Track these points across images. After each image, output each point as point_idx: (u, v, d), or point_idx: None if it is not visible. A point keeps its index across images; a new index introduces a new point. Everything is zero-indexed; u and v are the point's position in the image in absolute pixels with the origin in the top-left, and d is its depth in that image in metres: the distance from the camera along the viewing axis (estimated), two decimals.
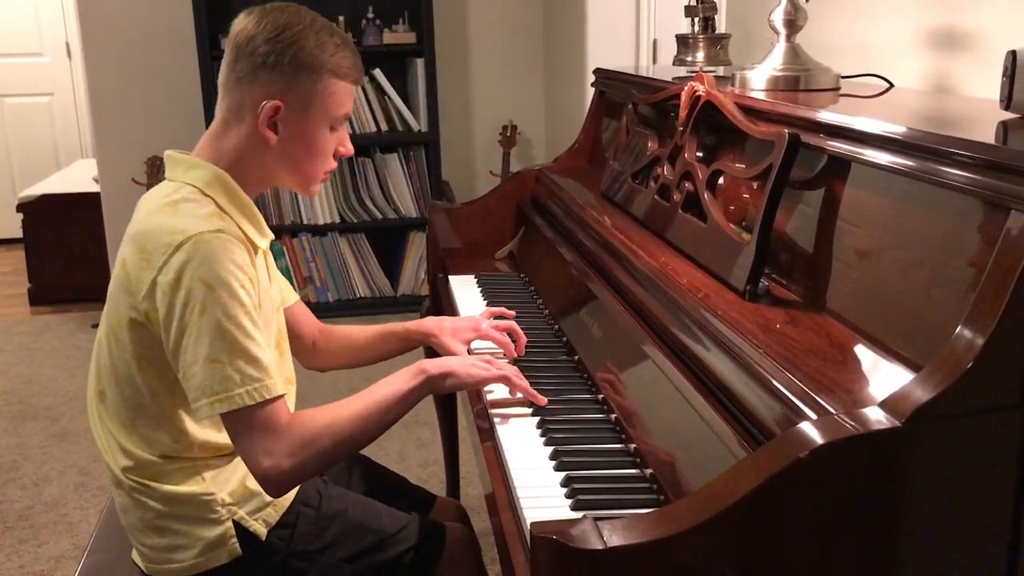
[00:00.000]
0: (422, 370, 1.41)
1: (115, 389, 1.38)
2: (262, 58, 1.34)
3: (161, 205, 1.32)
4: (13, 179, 5.90)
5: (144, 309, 1.29)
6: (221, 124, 1.39)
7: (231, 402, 1.24)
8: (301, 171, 1.42)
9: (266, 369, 1.27)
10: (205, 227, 1.27)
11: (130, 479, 1.38)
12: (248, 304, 1.27)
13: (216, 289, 1.24)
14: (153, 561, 1.41)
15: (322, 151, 1.41)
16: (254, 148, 1.37)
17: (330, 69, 1.37)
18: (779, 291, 1.28)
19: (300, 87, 1.36)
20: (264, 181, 1.43)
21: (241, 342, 1.25)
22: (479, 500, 2.60)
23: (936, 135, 1.02)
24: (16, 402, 3.54)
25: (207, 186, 1.34)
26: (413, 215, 4.36)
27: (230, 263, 1.26)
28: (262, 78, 1.35)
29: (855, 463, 0.86)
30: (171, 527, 1.38)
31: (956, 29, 1.64)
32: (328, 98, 1.38)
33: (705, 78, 1.55)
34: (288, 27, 1.35)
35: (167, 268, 1.25)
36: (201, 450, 1.39)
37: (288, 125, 1.37)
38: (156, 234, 1.28)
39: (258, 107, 1.35)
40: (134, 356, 1.34)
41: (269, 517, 1.41)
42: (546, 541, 0.84)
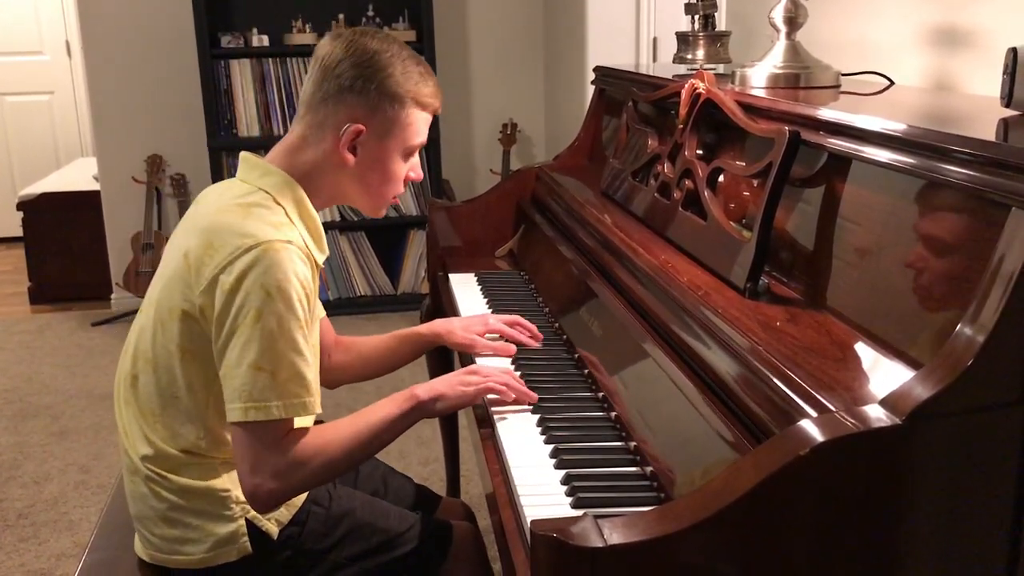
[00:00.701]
0: (413, 395, 1.42)
1: (151, 376, 1.38)
2: (350, 82, 1.37)
3: (233, 205, 1.34)
4: (13, 177, 5.90)
5: (199, 303, 1.30)
6: (299, 139, 1.41)
7: (265, 412, 1.26)
8: (373, 194, 1.46)
9: (308, 387, 1.29)
10: (276, 236, 1.29)
11: (148, 468, 1.39)
12: (302, 319, 1.29)
13: (275, 298, 1.26)
14: (160, 551, 1.41)
15: (395, 177, 1.45)
16: (330, 167, 1.41)
17: (413, 98, 1.40)
18: (779, 289, 1.28)
19: (383, 114, 1.39)
20: (333, 199, 1.47)
21: (288, 355, 1.27)
22: (479, 498, 2.60)
23: (937, 132, 1.02)
24: (16, 400, 3.55)
25: (280, 194, 1.37)
26: (413, 213, 4.36)
27: (293, 275, 1.28)
28: (348, 101, 1.38)
29: (856, 461, 0.85)
30: (183, 520, 1.38)
31: (956, 27, 1.64)
32: (408, 127, 1.42)
33: (705, 76, 1.55)
34: (378, 54, 1.38)
35: (231, 268, 1.27)
36: (223, 450, 1.39)
37: (367, 149, 1.40)
38: (226, 233, 1.30)
39: (340, 128, 1.38)
40: (179, 347, 1.34)
41: (281, 516, 1.41)
42: (547, 539, 0.84)
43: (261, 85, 4.20)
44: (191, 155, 4.35)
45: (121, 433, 1.44)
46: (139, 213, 4.40)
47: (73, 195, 4.66)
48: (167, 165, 4.43)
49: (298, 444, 1.30)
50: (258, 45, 4.16)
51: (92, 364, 3.89)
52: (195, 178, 4.42)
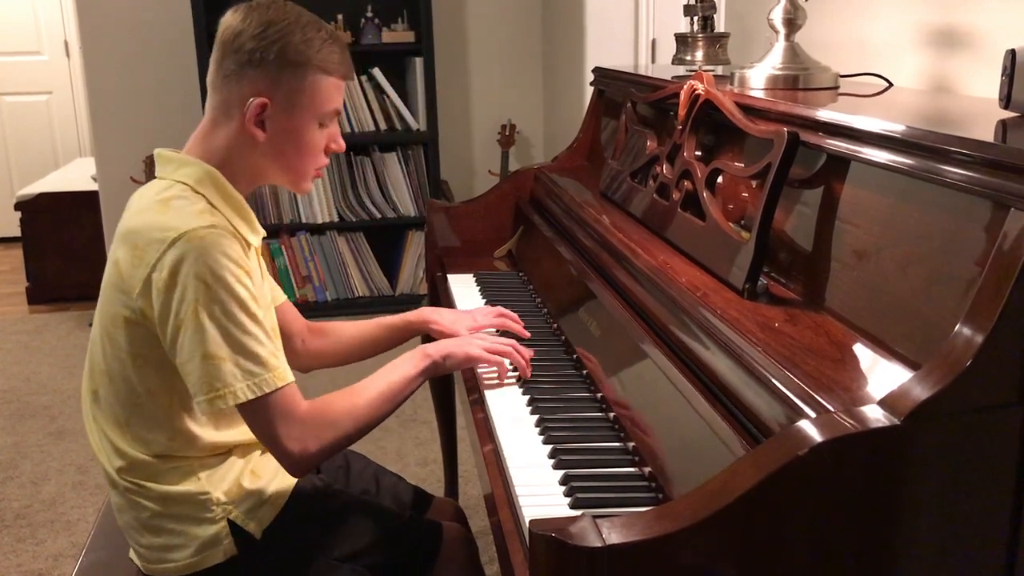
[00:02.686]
0: (426, 354, 1.48)
1: (109, 388, 1.37)
2: (248, 55, 1.34)
3: (152, 203, 1.32)
4: (11, 177, 5.90)
5: (139, 307, 1.29)
6: (210, 122, 1.39)
7: (232, 397, 1.25)
8: (291, 168, 1.42)
9: (265, 363, 1.28)
10: (198, 223, 1.27)
11: (125, 479, 1.38)
12: (245, 298, 1.27)
13: (212, 285, 1.24)
14: (149, 560, 1.41)
15: (312, 148, 1.41)
16: (243, 146, 1.37)
17: (316, 65, 1.36)
18: (778, 289, 1.28)
19: (286, 84, 1.35)
20: (255, 179, 1.43)
21: (238, 338, 1.26)
22: (478, 499, 2.59)
23: (935, 133, 1.02)
24: (14, 400, 3.54)
25: (198, 183, 1.34)
26: (412, 214, 4.36)
27: (224, 258, 1.26)
28: (248, 75, 1.34)
29: (854, 461, 0.85)
30: (166, 526, 1.38)
31: (955, 28, 1.64)
32: (315, 94, 1.37)
33: (704, 77, 1.55)
34: (273, 23, 1.34)
35: (160, 265, 1.25)
36: (197, 449, 1.39)
37: (276, 122, 1.36)
38: (148, 231, 1.28)
39: (245, 105, 1.35)
40: (129, 355, 1.33)
41: (264, 517, 1.41)
42: (545, 539, 0.84)
43: None
44: None
45: (95, 450, 1.43)
46: None
47: (71, 195, 4.66)
48: None
49: (325, 409, 1.33)
50: None
51: None
52: None
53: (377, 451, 2.98)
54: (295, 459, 1.30)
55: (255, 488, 1.41)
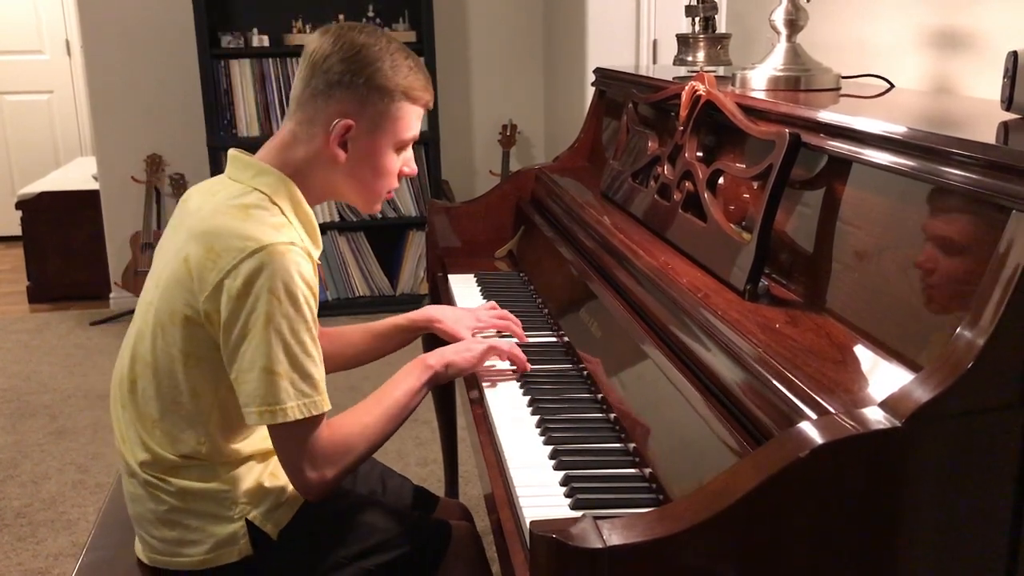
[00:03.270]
0: (427, 366, 1.50)
1: (151, 381, 1.37)
2: (338, 76, 1.36)
3: (230, 207, 1.33)
4: (12, 176, 5.90)
5: (204, 309, 1.30)
6: (289, 136, 1.41)
7: (282, 415, 1.27)
8: (366, 189, 1.46)
9: (317, 386, 1.30)
10: (279, 238, 1.29)
11: (146, 472, 1.38)
12: (310, 320, 1.30)
13: (284, 301, 1.26)
14: (160, 553, 1.41)
15: (388, 171, 1.45)
16: (322, 163, 1.40)
17: (403, 92, 1.40)
18: (779, 291, 1.28)
19: (373, 108, 1.38)
20: (326, 195, 1.46)
21: (299, 358, 1.28)
22: (478, 500, 2.59)
23: (937, 135, 1.02)
24: (14, 399, 3.54)
25: (275, 193, 1.36)
26: (412, 214, 4.36)
27: (299, 277, 1.28)
28: (336, 96, 1.37)
29: (855, 463, 0.85)
30: (183, 521, 1.38)
31: (957, 30, 1.64)
32: (399, 121, 1.41)
33: (706, 78, 1.55)
34: (366, 47, 1.38)
35: (236, 273, 1.26)
36: (222, 456, 1.39)
37: (358, 144, 1.40)
38: (227, 237, 1.29)
39: (330, 124, 1.37)
40: (181, 352, 1.34)
41: (282, 518, 1.41)
42: (546, 540, 0.84)
43: (261, 85, 4.20)
44: (191, 155, 4.35)
45: (118, 437, 1.43)
46: (138, 213, 4.40)
47: (72, 194, 4.66)
48: (166, 165, 4.43)
49: (339, 432, 1.35)
50: (258, 45, 4.16)
51: (91, 363, 3.89)
52: (194, 178, 4.42)
53: (378, 451, 2.98)
54: (312, 487, 1.33)
55: (275, 489, 1.41)
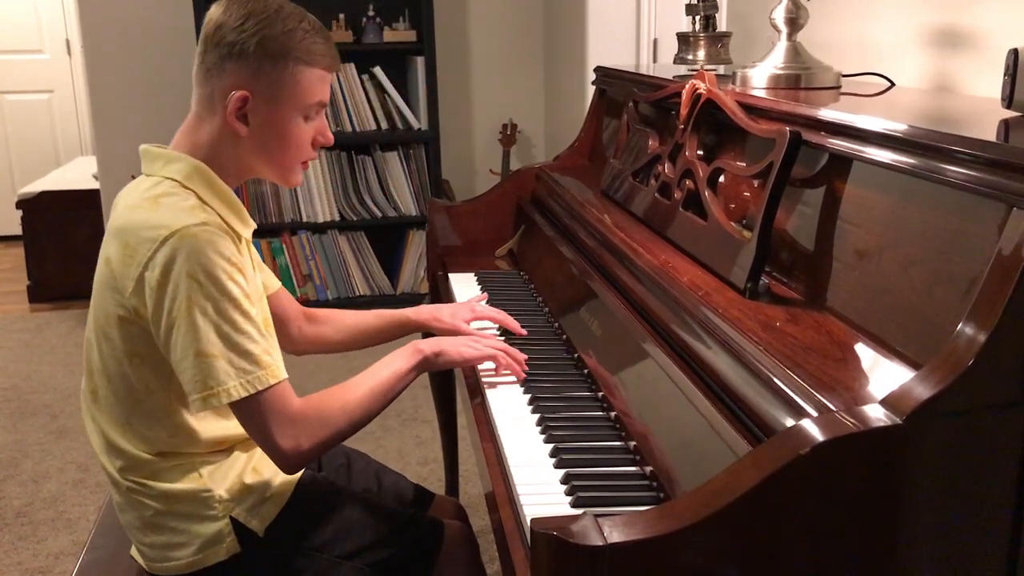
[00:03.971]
0: (418, 350, 1.48)
1: (107, 387, 1.37)
2: (228, 48, 1.32)
3: (142, 200, 1.32)
4: (13, 176, 5.90)
5: (132, 306, 1.29)
6: (195, 117, 1.38)
7: (225, 395, 1.25)
8: (276, 162, 1.40)
9: (258, 360, 1.27)
10: (189, 220, 1.26)
11: (127, 479, 1.38)
12: (238, 296, 1.27)
13: (204, 283, 1.24)
14: (152, 559, 1.41)
15: (297, 141, 1.39)
16: (227, 140, 1.36)
17: (297, 56, 1.34)
18: (780, 289, 1.28)
19: (267, 76, 1.33)
20: (242, 173, 1.41)
21: (231, 336, 1.26)
22: (478, 498, 2.60)
23: (937, 133, 1.02)
24: (15, 399, 3.54)
25: (187, 179, 1.33)
26: (413, 213, 4.36)
27: (217, 256, 1.25)
28: (229, 68, 1.33)
29: (856, 460, 0.85)
30: (168, 525, 1.38)
31: (957, 28, 1.64)
32: (297, 86, 1.35)
33: (706, 76, 1.55)
34: (253, 14, 1.33)
35: (152, 263, 1.25)
36: (199, 444, 1.39)
37: (258, 115, 1.35)
38: (139, 229, 1.27)
39: (226, 99, 1.33)
40: (125, 353, 1.33)
41: (266, 514, 1.40)
42: (547, 537, 0.84)
43: None
44: None
45: (96, 451, 1.43)
46: None
47: (72, 194, 4.66)
48: None
49: (318, 405, 1.33)
50: None
51: None
52: None
53: (378, 450, 2.98)
54: (287, 456, 1.30)
55: (257, 485, 1.41)
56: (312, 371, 3.43)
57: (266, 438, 1.29)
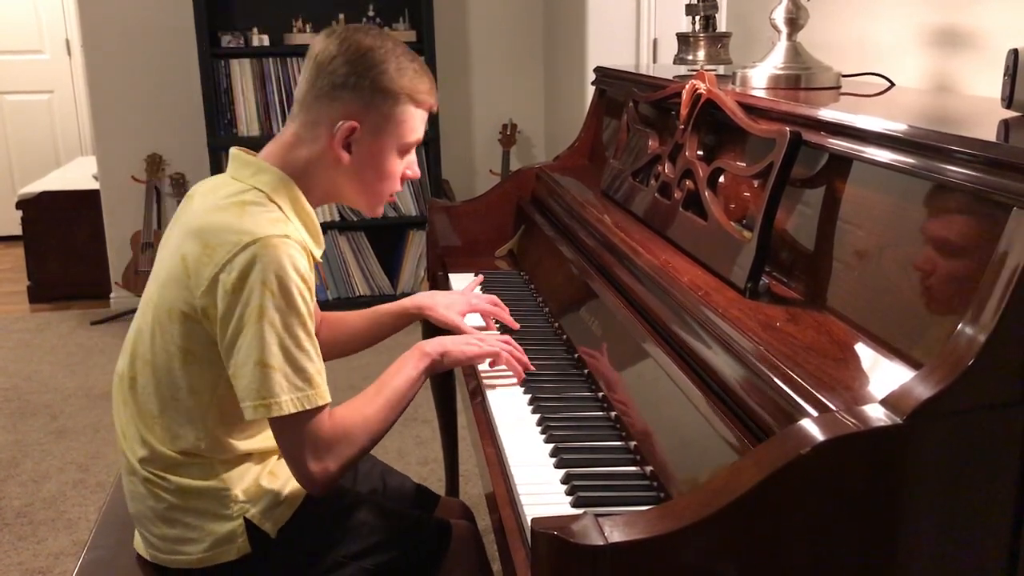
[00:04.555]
0: (424, 353, 1.49)
1: (150, 378, 1.38)
2: (343, 78, 1.36)
3: (227, 204, 1.33)
4: (13, 176, 5.90)
5: (201, 305, 1.30)
6: (293, 136, 1.41)
7: (277, 408, 1.27)
8: (368, 192, 1.46)
9: (312, 380, 1.29)
10: (272, 231, 1.28)
11: (146, 469, 1.39)
12: (304, 314, 1.29)
13: (277, 294, 1.26)
14: (160, 551, 1.41)
15: (391, 174, 1.45)
16: (325, 165, 1.40)
17: (408, 95, 1.40)
18: (780, 289, 1.28)
19: (377, 110, 1.38)
20: (328, 197, 1.46)
21: (292, 351, 1.27)
22: (478, 499, 2.60)
23: (937, 133, 1.02)
24: (15, 399, 3.54)
25: (274, 191, 1.36)
26: (413, 213, 4.36)
27: (293, 270, 1.28)
28: (342, 98, 1.37)
29: (856, 460, 0.86)
30: (182, 519, 1.39)
31: (957, 28, 1.64)
32: (403, 124, 1.41)
33: (706, 76, 1.55)
34: (372, 50, 1.38)
35: (230, 267, 1.26)
36: (222, 452, 1.39)
37: (361, 146, 1.40)
38: (222, 232, 1.29)
39: (334, 126, 1.37)
40: (179, 349, 1.34)
41: (281, 516, 1.41)
42: (547, 537, 0.84)
43: (261, 84, 4.20)
44: (191, 154, 4.35)
45: (119, 434, 1.44)
46: (139, 212, 4.40)
47: (73, 194, 4.66)
48: (167, 164, 4.43)
49: (342, 424, 1.34)
50: (258, 45, 4.16)
51: (91, 363, 3.89)
52: (195, 177, 4.42)
53: (379, 450, 2.96)
54: (316, 479, 1.32)
55: (273, 488, 1.42)
56: None
57: (298, 459, 1.31)
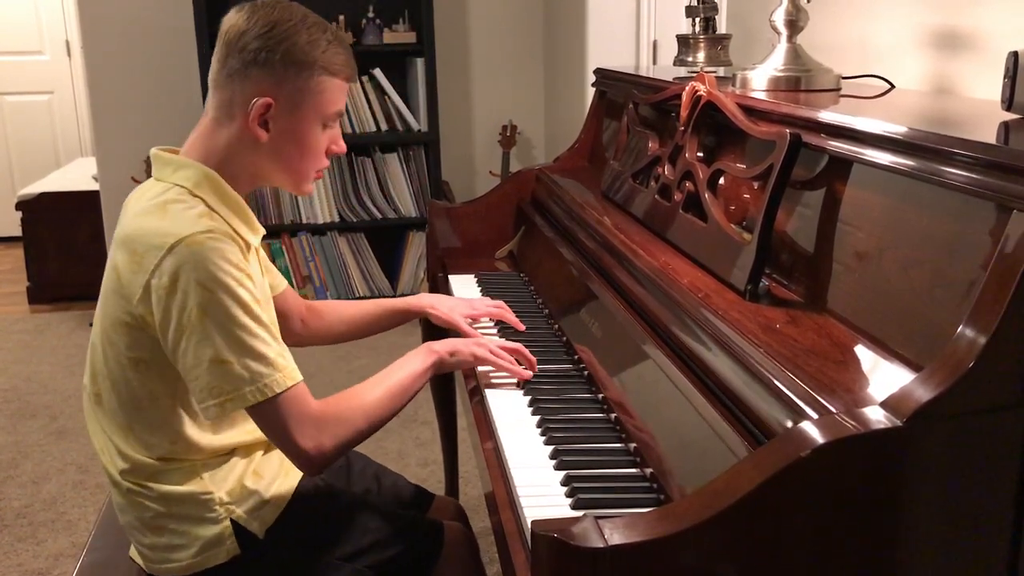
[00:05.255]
0: (432, 351, 1.49)
1: (111, 392, 1.37)
2: (253, 54, 1.33)
3: (149, 207, 1.32)
4: (12, 177, 5.90)
5: (139, 313, 1.29)
6: (211, 122, 1.38)
7: (241, 400, 1.25)
8: (292, 169, 1.41)
9: (273, 363, 1.27)
10: (195, 228, 1.26)
11: (127, 480, 1.38)
12: (248, 300, 1.27)
13: (214, 291, 1.24)
14: (152, 560, 1.41)
15: (314, 149, 1.40)
16: (245, 146, 1.36)
17: (322, 66, 1.35)
18: (780, 291, 1.28)
19: (291, 84, 1.34)
20: (255, 179, 1.42)
21: (246, 341, 1.26)
22: (478, 500, 2.60)
23: (937, 135, 1.02)
24: (15, 400, 3.54)
25: (196, 186, 1.33)
26: (413, 215, 4.36)
27: (224, 262, 1.25)
28: (253, 75, 1.33)
29: (856, 463, 0.86)
30: (168, 526, 1.38)
31: (957, 30, 1.64)
32: (320, 95, 1.37)
33: (706, 78, 1.55)
34: (280, 23, 1.34)
35: (159, 271, 1.25)
36: (199, 452, 1.39)
37: (279, 123, 1.36)
38: (146, 237, 1.27)
39: (248, 104, 1.34)
40: (129, 359, 1.33)
41: (267, 517, 1.41)
42: (548, 539, 0.84)
43: None
44: None
45: (98, 451, 1.43)
46: None
47: (72, 195, 4.66)
48: None
49: (337, 406, 1.33)
50: None
51: None
52: None
53: (378, 451, 2.98)
54: (311, 457, 1.30)
55: (258, 488, 1.41)
56: (313, 372, 3.42)
57: (287, 441, 1.29)
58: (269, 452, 1.46)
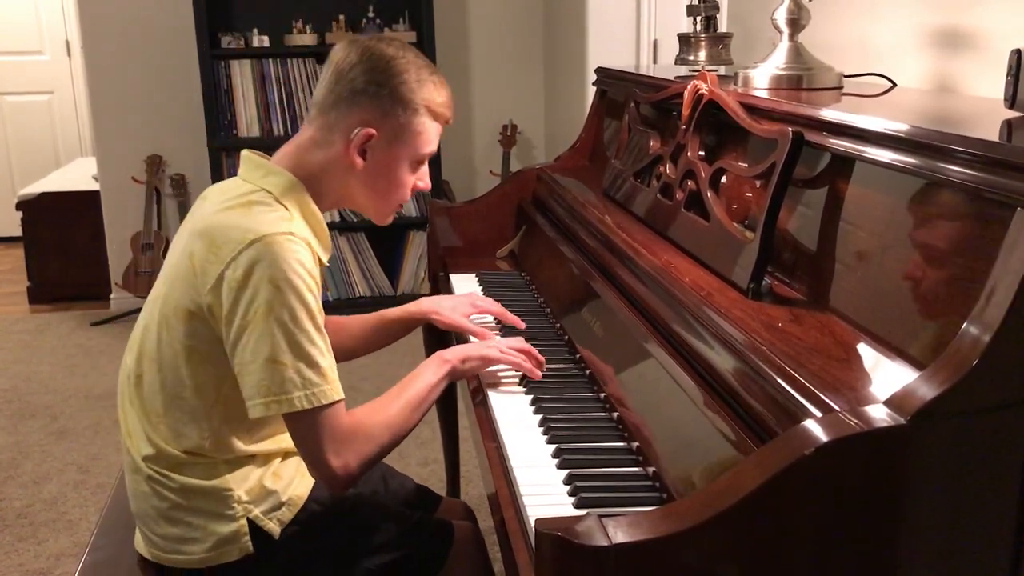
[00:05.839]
0: (445, 360, 1.50)
1: (155, 375, 1.38)
2: (363, 85, 1.38)
3: (235, 204, 1.35)
4: (12, 177, 5.90)
5: (207, 303, 1.30)
6: (308, 140, 1.42)
7: (288, 404, 1.27)
8: (379, 200, 1.47)
9: (325, 374, 1.29)
10: (277, 229, 1.29)
11: (149, 467, 1.39)
12: (313, 308, 1.29)
13: (284, 290, 1.26)
14: (162, 550, 1.41)
15: (402, 184, 1.46)
16: (339, 169, 1.41)
17: (426, 106, 1.41)
18: (782, 289, 1.28)
19: (395, 120, 1.40)
20: (340, 201, 1.47)
21: (304, 346, 1.27)
22: (479, 499, 2.59)
23: (940, 133, 1.02)
24: (15, 400, 3.54)
25: (282, 194, 1.37)
26: (413, 214, 4.36)
27: (298, 265, 1.28)
28: (360, 104, 1.38)
29: (859, 461, 0.85)
30: (184, 519, 1.39)
31: (959, 28, 1.64)
32: (419, 136, 1.42)
33: (708, 76, 1.55)
34: (393, 60, 1.39)
35: (235, 264, 1.27)
36: (226, 452, 1.39)
37: (376, 154, 1.41)
38: (228, 230, 1.30)
39: (351, 131, 1.38)
40: (184, 347, 1.34)
41: (283, 516, 1.41)
42: (551, 538, 0.84)
43: (261, 85, 4.20)
44: (191, 155, 4.35)
45: (124, 432, 1.44)
46: (138, 213, 4.39)
47: (73, 195, 4.66)
48: (167, 165, 4.43)
49: (363, 423, 1.34)
50: (258, 45, 4.16)
51: (91, 364, 3.89)
52: (195, 178, 4.42)
53: None
54: (337, 475, 1.32)
55: (276, 488, 1.42)
56: None
57: (317, 456, 1.30)
58: (288, 458, 1.47)
